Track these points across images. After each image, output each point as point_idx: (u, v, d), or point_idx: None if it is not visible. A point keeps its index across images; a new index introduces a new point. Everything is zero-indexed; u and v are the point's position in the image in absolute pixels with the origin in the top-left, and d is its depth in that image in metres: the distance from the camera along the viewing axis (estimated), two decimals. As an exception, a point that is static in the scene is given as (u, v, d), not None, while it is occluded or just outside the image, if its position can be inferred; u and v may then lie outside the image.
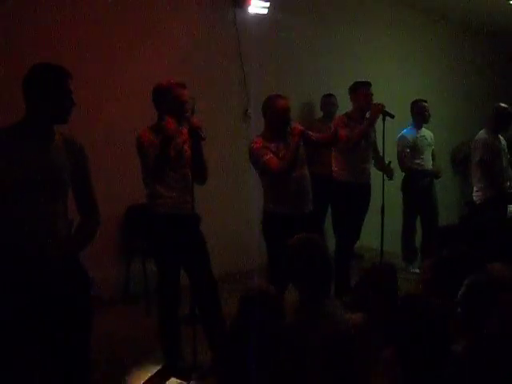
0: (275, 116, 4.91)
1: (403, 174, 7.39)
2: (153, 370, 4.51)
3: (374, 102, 6.05)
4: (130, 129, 4.59)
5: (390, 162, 6.21)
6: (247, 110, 7.07)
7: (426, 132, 7.48)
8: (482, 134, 6.71)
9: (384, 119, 5.89)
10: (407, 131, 7.37)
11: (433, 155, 7.55)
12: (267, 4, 7.00)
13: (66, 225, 3.19)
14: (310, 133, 5.08)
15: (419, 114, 7.37)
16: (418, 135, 7.36)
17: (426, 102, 7.40)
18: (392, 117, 5.88)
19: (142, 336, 4.89)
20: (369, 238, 6.61)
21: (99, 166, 3.44)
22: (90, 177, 3.36)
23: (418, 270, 7.05)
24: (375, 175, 6.20)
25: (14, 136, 3.05)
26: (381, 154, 6.25)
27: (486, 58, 10.53)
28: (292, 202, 4.90)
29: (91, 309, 3.32)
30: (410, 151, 7.26)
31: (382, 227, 5.84)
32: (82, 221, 3.33)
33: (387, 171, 6.19)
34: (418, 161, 7.30)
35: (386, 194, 6.13)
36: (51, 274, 3.01)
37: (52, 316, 3.01)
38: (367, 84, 6.14)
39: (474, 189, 6.71)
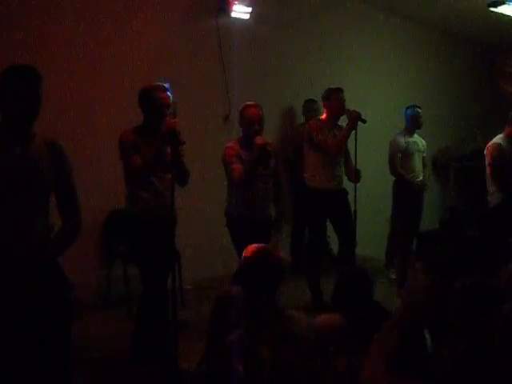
0: (244, 124, 5.16)
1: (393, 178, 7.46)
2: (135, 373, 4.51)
3: (347, 107, 6.07)
4: (111, 132, 4.59)
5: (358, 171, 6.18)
6: (229, 116, 7.07)
7: (417, 138, 7.52)
8: (496, 138, 6.72)
9: (357, 124, 5.92)
10: (399, 136, 7.41)
11: (424, 163, 7.60)
12: (249, 9, 7.02)
13: (45, 228, 3.19)
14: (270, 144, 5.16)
15: (412, 119, 7.40)
16: (410, 140, 7.40)
17: (419, 108, 7.44)
18: (364, 122, 5.91)
19: (124, 340, 4.87)
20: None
21: (80, 170, 3.44)
22: (72, 180, 3.35)
23: (396, 276, 7.13)
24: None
25: None
26: (352, 160, 6.17)
27: (468, 64, 10.60)
28: (251, 206, 5.12)
29: (70, 313, 3.31)
30: (401, 156, 7.31)
31: (354, 233, 5.88)
32: (63, 225, 3.33)
33: (353, 174, 6.12)
34: (407, 167, 7.35)
35: (371, 199, 6.16)
36: (28, 277, 3.00)
37: (30, 320, 3.00)
38: (340, 90, 6.15)
39: (489, 192, 6.73)
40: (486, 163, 6.64)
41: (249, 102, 5.20)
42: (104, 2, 6.10)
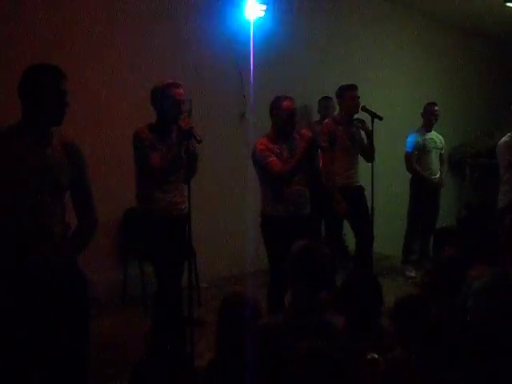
0: (280, 116, 4.96)
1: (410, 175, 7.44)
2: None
3: (362, 104, 6.02)
4: (127, 130, 4.59)
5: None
6: (244, 114, 7.07)
7: (435, 135, 7.49)
8: (505, 137, 6.65)
9: (373, 121, 5.88)
10: (416, 133, 7.39)
11: (441, 160, 7.56)
12: (264, 7, 7.01)
13: (63, 227, 3.20)
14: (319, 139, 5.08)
15: (429, 116, 7.38)
16: (427, 137, 7.37)
17: (436, 105, 7.41)
18: (380, 119, 5.87)
19: (140, 338, 4.89)
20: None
21: (96, 168, 3.45)
22: (88, 180, 3.36)
23: (413, 274, 7.09)
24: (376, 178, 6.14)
25: (10, 137, 3.06)
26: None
27: (485, 60, 10.55)
28: (291, 204, 4.93)
29: (89, 311, 3.33)
30: (417, 153, 7.29)
31: (372, 229, 5.85)
32: (80, 224, 3.34)
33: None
34: (424, 164, 7.33)
35: (388, 196, 6.13)
36: (48, 276, 3.01)
37: (49, 317, 3.01)
38: (353, 87, 6.09)
39: (500, 191, 6.67)
40: (504, 163, 6.58)
41: (281, 95, 5.02)
42: (119, 1, 6.10)
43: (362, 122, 6.11)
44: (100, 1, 5.99)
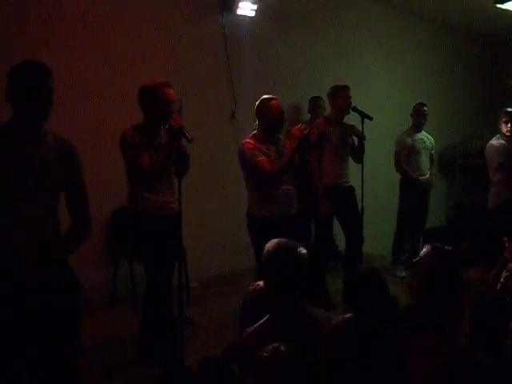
0: (270, 118, 4.93)
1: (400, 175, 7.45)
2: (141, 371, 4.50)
3: (353, 105, 6.05)
4: (115, 130, 4.58)
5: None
6: (234, 113, 7.06)
7: (424, 135, 7.50)
8: (494, 138, 6.68)
9: (363, 122, 5.88)
10: (405, 134, 7.40)
11: (431, 160, 7.57)
12: (255, 7, 7.01)
13: (55, 226, 3.18)
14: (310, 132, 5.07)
15: (418, 117, 7.39)
16: (417, 138, 7.38)
17: (425, 105, 7.43)
18: (370, 119, 5.88)
19: (130, 337, 4.87)
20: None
21: (85, 167, 3.43)
22: (83, 180, 3.34)
23: (404, 274, 7.09)
24: (366, 178, 6.16)
25: (1, 135, 3.04)
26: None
27: (474, 61, 10.59)
28: (278, 204, 4.91)
29: (79, 311, 3.31)
30: (407, 153, 7.30)
31: (361, 230, 5.86)
32: (73, 224, 3.32)
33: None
34: (414, 165, 7.34)
35: (377, 196, 6.13)
36: (38, 276, 2.99)
37: (39, 318, 3.00)
38: (345, 87, 6.12)
39: (490, 193, 6.68)
40: (495, 164, 6.63)
41: (267, 96, 4.99)
42: (109, 2, 6.08)
43: (352, 126, 6.14)
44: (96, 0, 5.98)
